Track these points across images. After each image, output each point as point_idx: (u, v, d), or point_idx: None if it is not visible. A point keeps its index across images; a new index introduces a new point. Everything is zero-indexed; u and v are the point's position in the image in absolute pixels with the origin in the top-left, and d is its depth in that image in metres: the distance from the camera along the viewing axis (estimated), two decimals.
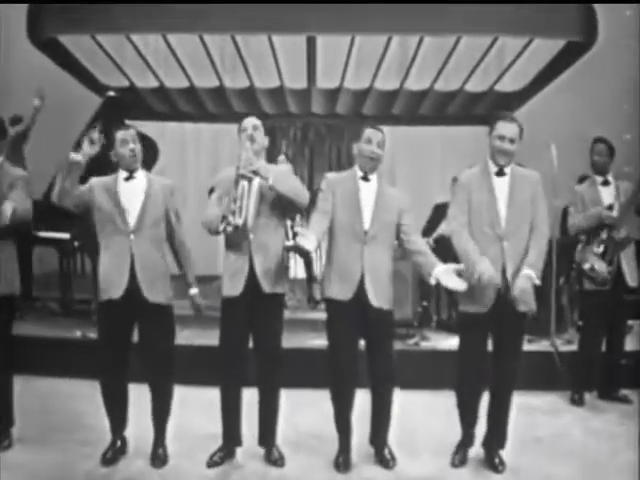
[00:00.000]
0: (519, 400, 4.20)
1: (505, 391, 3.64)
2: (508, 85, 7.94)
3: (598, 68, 7.05)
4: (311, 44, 7.16)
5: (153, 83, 8.01)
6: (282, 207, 3.58)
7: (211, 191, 6.69)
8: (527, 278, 3.42)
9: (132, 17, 6.69)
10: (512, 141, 3.46)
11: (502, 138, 3.45)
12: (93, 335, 5.26)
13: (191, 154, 9.38)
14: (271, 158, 4.12)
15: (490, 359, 3.61)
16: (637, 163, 6.13)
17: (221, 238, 4.01)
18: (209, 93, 8.31)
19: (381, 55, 7.20)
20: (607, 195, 4.75)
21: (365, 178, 3.64)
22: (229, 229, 3.40)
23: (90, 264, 6.03)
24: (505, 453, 3.70)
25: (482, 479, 3.60)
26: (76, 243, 5.77)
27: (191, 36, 7.02)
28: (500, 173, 3.55)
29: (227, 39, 7.15)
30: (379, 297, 3.56)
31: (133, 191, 3.56)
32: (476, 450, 3.78)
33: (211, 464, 3.59)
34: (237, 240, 3.50)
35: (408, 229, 3.64)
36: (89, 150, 3.38)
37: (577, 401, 4.80)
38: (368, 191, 3.63)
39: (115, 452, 3.62)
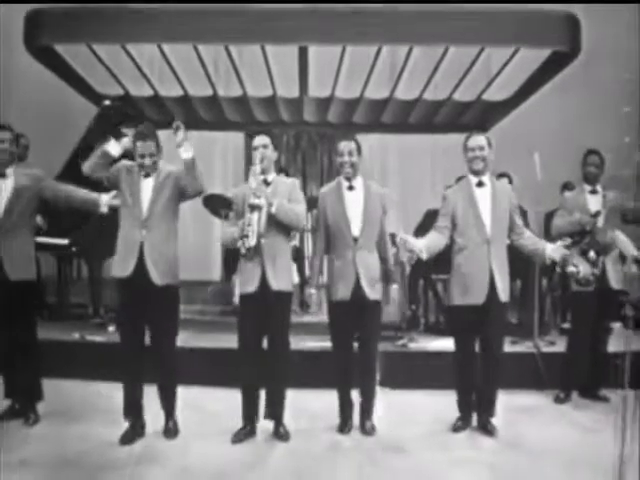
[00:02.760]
0: (504, 399, 4.40)
1: (492, 374, 4.23)
2: (495, 94, 8.02)
3: (598, 69, 7.20)
4: (303, 54, 7.15)
5: (148, 92, 8.03)
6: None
7: (207, 199, 6.90)
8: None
9: (128, 27, 6.70)
10: (481, 148, 4.16)
11: (472, 149, 4.17)
12: (90, 337, 5.43)
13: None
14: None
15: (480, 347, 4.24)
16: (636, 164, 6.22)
17: (216, 246, 4.32)
18: (203, 102, 8.36)
19: (371, 65, 7.21)
20: (594, 203, 4.92)
21: (351, 187, 4.20)
22: (244, 250, 3.91)
23: (86, 269, 6.15)
24: (493, 450, 3.98)
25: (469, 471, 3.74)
26: (74, 249, 5.88)
27: (185, 46, 6.94)
28: (480, 184, 4.18)
29: (221, 49, 7.10)
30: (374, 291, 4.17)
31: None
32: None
33: (235, 440, 4.05)
34: (250, 252, 3.94)
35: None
36: (125, 146, 4.00)
37: (562, 399, 4.95)
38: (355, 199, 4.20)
39: (134, 434, 4.00)
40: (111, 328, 5.61)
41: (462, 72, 7.41)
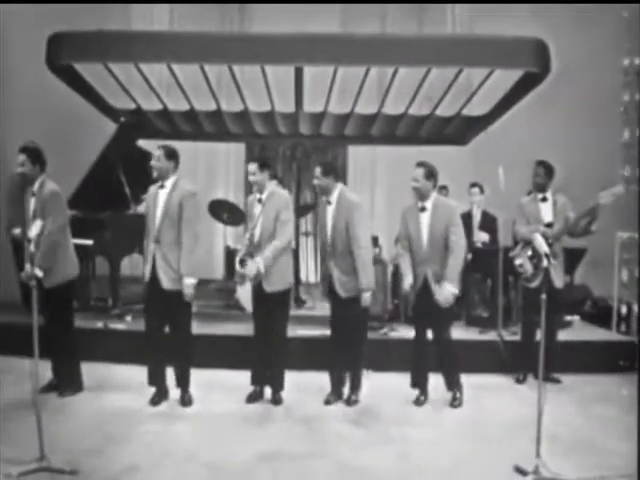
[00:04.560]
0: (472, 380, 5.16)
1: (445, 351, 5.05)
2: (474, 110, 8.66)
3: (597, 68, 7.79)
4: (299, 73, 7.60)
5: (157, 106, 8.60)
6: None
7: (212, 205, 7.55)
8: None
9: (140, 48, 7.14)
10: (416, 180, 4.90)
11: (412, 180, 4.95)
12: (113, 326, 6.17)
13: (189, 169, 10.09)
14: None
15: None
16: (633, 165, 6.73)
17: (219, 248, 5.09)
18: (207, 115, 8.91)
19: (361, 83, 7.68)
20: (546, 210, 5.63)
21: (329, 202, 5.01)
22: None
23: (107, 267, 6.85)
24: (455, 418, 4.81)
25: (433, 432, 4.50)
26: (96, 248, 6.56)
27: (192, 65, 7.36)
28: (423, 209, 4.94)
29: (224, 68, 7.59)
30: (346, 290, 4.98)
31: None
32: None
33: (249, 400, 4.99)
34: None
35: None
36: None
37: (521, 381, 5.72)
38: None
39: (160, 398, 4.89)
40: (129, 318, 6.40)
41: (443, 90, 7.94)
